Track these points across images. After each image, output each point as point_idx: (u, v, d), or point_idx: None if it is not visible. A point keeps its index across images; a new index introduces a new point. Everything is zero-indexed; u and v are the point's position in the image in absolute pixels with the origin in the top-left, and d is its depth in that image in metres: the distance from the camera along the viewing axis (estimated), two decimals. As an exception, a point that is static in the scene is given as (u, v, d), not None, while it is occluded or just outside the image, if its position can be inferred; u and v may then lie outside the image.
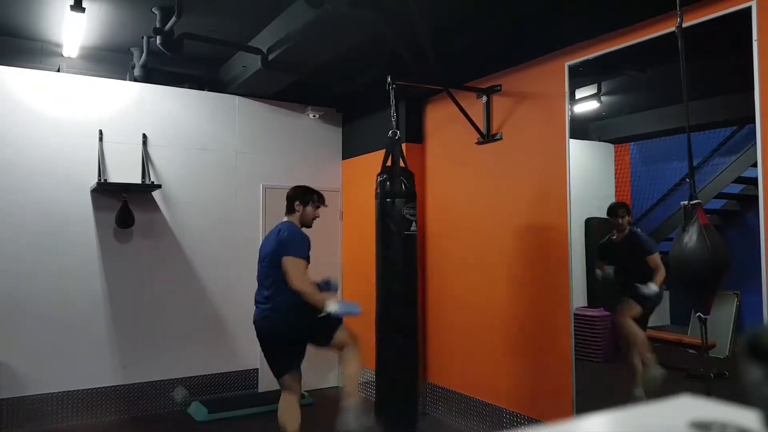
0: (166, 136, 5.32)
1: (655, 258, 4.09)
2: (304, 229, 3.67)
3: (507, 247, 4.34)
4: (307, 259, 3.52)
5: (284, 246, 3.46)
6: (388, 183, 3.66)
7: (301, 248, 3.49)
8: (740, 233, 4.15)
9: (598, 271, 4.37)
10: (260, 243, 5.61)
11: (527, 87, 4.23)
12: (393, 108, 3.81)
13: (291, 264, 3.41)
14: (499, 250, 4.41)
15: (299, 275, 3.41)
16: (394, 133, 3.72)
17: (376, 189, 3.72)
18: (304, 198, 3.65)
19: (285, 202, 3.73)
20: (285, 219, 3.68)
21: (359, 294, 5.00)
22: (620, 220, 4.24)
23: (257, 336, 3.67)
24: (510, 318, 4.29)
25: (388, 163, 3.73)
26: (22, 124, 4.76)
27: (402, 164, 3.73)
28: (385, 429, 3.65)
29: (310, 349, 3.73)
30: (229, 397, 5.37)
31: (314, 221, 3.73)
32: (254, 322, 3.66)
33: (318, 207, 3.69)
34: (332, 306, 3.41)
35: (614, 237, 4.30)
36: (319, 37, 4.13)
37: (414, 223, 3.68)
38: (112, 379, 4.98)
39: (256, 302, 3.68)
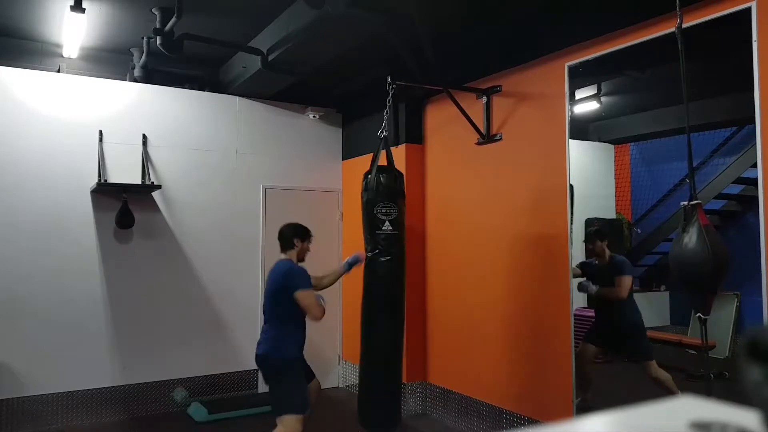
0: (166, 136, 5.32)
1: None
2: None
3: (507, 247, 4.34)
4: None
5: (292, 282, 3.50)
6: (371, 182, 3.67)
7: (308, 280, 3.59)
8: (740, 233, 4.15)
9: None
10: (260, 243, 5.73)
11: (527, 87, 4.23)
12: (388, 107, 3.80)
13: (305, 297, 3.49)
14: (500, 250, 4.41)
15: (314, 305, 3.52)
16: (382, 131, 3.73)
17: (360, 189, 3.75)
18: (304, 235, 3.72)
19: (280, 239, 3.72)
20: (283, 257, 3.67)
21: (358, 293, 5.00)
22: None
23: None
24: (510, 318, 4.29)
25: (383, 162, 3.75)
26: (22, 124, 4.76)
27: (385, 163, 3.74)
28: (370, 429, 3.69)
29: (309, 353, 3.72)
30: (229, 397, 5.37)
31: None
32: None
33: (310, 242, 3.78)
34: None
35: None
36: (319, 37, 4.14)
37: (395, 223, 3.65)
38: (112, 379, 4.98)
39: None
